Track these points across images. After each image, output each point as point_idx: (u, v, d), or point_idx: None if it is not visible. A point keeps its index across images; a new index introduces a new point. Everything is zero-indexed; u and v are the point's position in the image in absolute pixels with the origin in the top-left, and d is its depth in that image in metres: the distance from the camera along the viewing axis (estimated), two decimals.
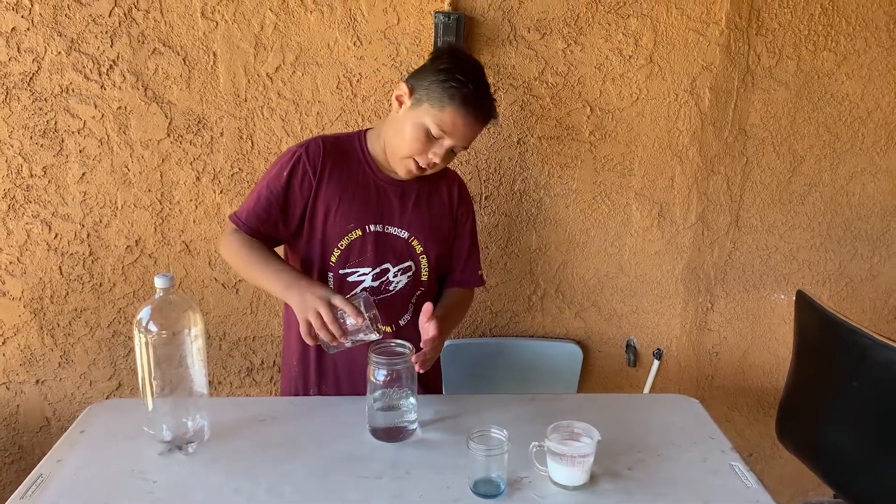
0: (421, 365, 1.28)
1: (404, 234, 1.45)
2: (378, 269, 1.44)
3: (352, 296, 1.28)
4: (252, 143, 1.84)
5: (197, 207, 1.87)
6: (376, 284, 1.44)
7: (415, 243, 1.46)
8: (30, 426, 2.00)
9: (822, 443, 1.60)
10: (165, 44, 1.75)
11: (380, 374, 1.25)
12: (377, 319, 1.26)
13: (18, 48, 1.71)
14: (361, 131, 1.47)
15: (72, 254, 1.86)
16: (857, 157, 2.02)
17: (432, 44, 1.78)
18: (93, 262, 1.88)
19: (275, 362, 2.03)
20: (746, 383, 2.22)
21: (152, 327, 1.16)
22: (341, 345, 1.26)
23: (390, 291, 1.46)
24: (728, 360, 2.19)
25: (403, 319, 1.49)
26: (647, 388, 2.11)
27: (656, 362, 2.10)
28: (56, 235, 1.84)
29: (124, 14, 1.72)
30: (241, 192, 1.86)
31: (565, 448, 1.15)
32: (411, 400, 1.28)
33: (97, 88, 1.76)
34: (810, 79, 1.94)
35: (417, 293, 1.49)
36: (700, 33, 1.87)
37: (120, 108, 1.78)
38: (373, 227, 1.42)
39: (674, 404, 1.50)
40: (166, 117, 1.80)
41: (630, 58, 1.87)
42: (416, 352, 1.28)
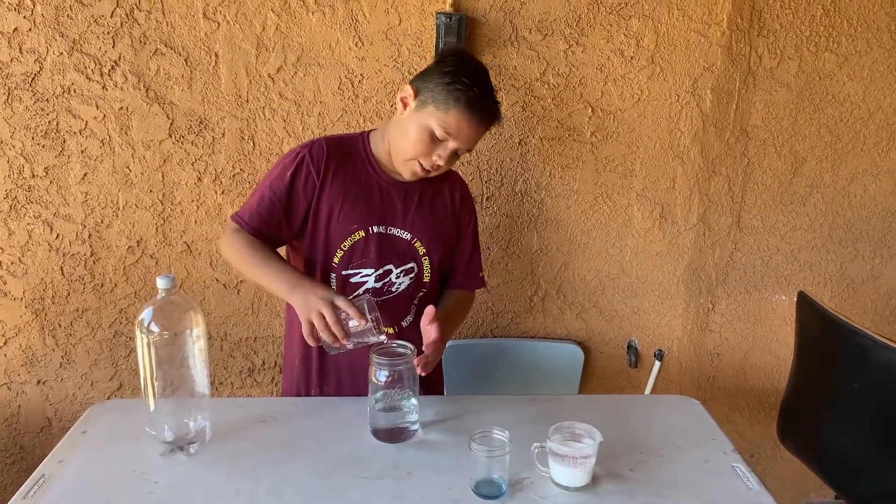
0: (423, 367, 1.28)
1: (407, 236, 1.45)
2: (381, 271, 1.43)
3: (354, 297, 1.28)
4: (254, 143, 1.84)
5: (198, 208, 1.87)
6: (379, 286, 1.44)
7: (417, 245, 1.46)
8: (31, 426, 2.00)
9: (824, 444, 1.60)
10: (167, 44, 1.75)
11: (381, 374, 1.25)
12: (379, 322, 1.26)
13: (20, 49, 1.71)
14: (365, 132, 1.48)
15: (73, 254, 1.86)
16: (859, 159, 2.02)
17: (434, 45, 1.78)
18: (94, 263, 1.88)
19: (276, 363, 2.03)
20: (748, 384, 2.22)
21: (154, 328, 1.16)
22: (343, 346, 1.26)
23: (393, 293, 1.46)
24: (729, 361, 2.19)
25: (406, 321, 1.49)
26: (648, 389, 2.11)
27: (657, 363, 2.10)
28: (57, 236, 1.84)
29: (126, 15, 1.72)
30: (243, 192, 1.86)
31: (567, 449, 1.15)
32: (413, 401, 1.28)
33: (99, 89, 1.76)
34: (812, 80, 1.94)
35: (420, 295, 1.49)
36: (701, 34, 1.87)
37: (121, 108, 1.78)
38: (376, 229, 1.42)
39: (675, 405, 1.50)
40: (168, 118, 1.80)
41: (631, 59, 1.87)
42: (418, 354, 1.29)
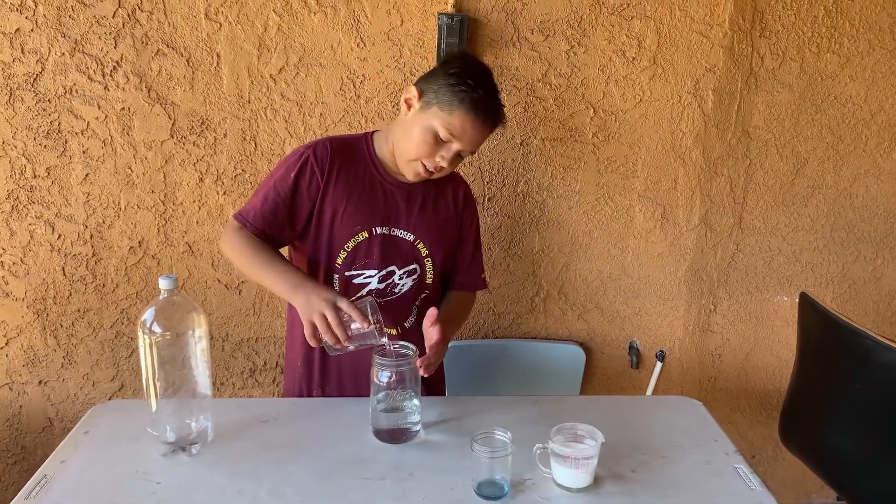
0: (425, 369, 1.28)
1: (410, 237, 1.45)
2: (384, 272, 1.43)
3: (356, 299, 1.28)
4: (255, 144, 1.84)
5: (200, 209, 1.87)
6: (382, 287, 1.44)
7: (420, 246, 1.46)
8: (33, 427, 2.00)
9: (826, 445, 1.60)
10: (169, 45, 1.75)
11: (383, 375, 1.25)
12: (381, 324, 1.26)
13: (22, 49, 1.71)
14: (368, 133, 1.48)
15: (75, 255, 1.86)
16: (861, 160, 2.02)
17: (436, 45, 1.78)
18: (96, 263, 1.88)
19: (277, 363, 2.03)
20: (749, 385, 2.22)
21: (156, 328, 1.16)
22: (345, 348, 1.26)
23: (396, 294, 1.46)
24: (731, 362, 2.19)
25: (408, 322, 1.49)
26: (649, 390, 2.11)
27: (659, 364, 2.10)
28: (59, 236, 1.84)
29: (128, 15, 1.72)
30: (245, 193, 1.86)
31: (569, 450, 1.15)
32: (415, 401, 1.28)
33: (101, 89, 1.76)
34: (814, 81, 1.94)
35: (422, 296, 1.49)
36: (703, 35, 1.87)
37: (123, 109, 1.78)
38: (379, 230, 1.42)
39: (677, 406, 1.50)
40: (170, 118, 1.80)
41: (633, 60, 1.87)
42: (420, 355, 1.29)
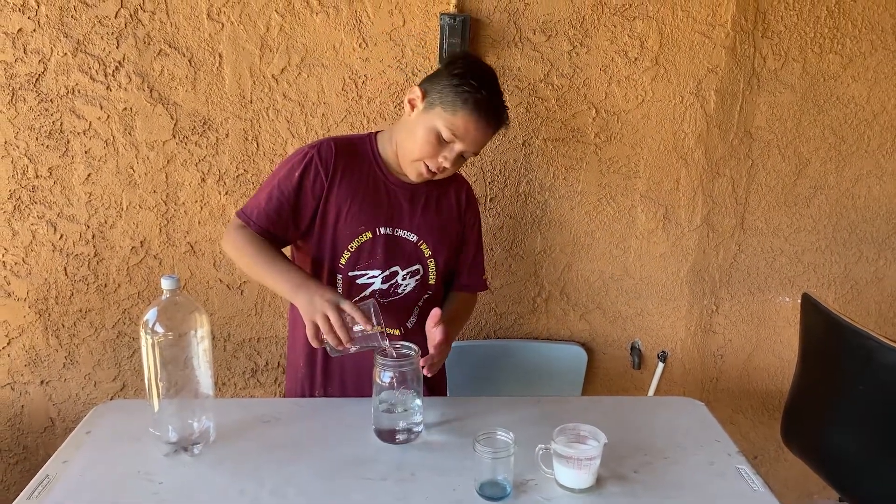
0: (428, 368, 1.28)
1: (413, 238, 1.45)
2: (388, 272, 1.43)
3: (359, 300, 1.28)
4: (257, 144, 1.84)
5: (202, 209, 1.87)
6: (386, 287, 1.44)
7: (423, 247, 1.46)
8: (34, 427, 2.00)
9: (828, 445, 1.60)
10: (171, 45, 1.75)
11: (386, 375, 1.25)
12: (383, 328, 1.26)
13: (25, 49, 1.71)
14: (372, 133, 1.47)
15: (77, 255, 1.86)
16: (863, 160, 2.02)
17: (438, 46, 1.78)
18: (98, 263, 1.88)
19: (279, 363, 2.03)
20: (751, 386, 2.22)
21: (159, 329, 1.16)
22: (346, 349, 1.26)
23: (399, 294, 1.46)
24: (733, 362, 2.18)
25: (410, 322, 1.48)
26: (651, 390, 2.11)
27: (661, 365, 2.10)
28: (61, 236, 1.84)
29: (130, 15, 1.72)
30: (247, 193, 1.86)
31: (572, 451, 1.15)
32: (417, 402, 1.28)
33: (103, 89, 1.76)
34: (816, 81, 1.94)
35: (425, 297, 1.49)
36: (706, 36, 1.87)
37: (125, 109, 1.78)
38: (383, 230, 1.42)
39: (679, 407, 1.50)
40: (172, 118, 1.80)
41: (635, 60, 1.87)
42: (423, 355, 1.28)
